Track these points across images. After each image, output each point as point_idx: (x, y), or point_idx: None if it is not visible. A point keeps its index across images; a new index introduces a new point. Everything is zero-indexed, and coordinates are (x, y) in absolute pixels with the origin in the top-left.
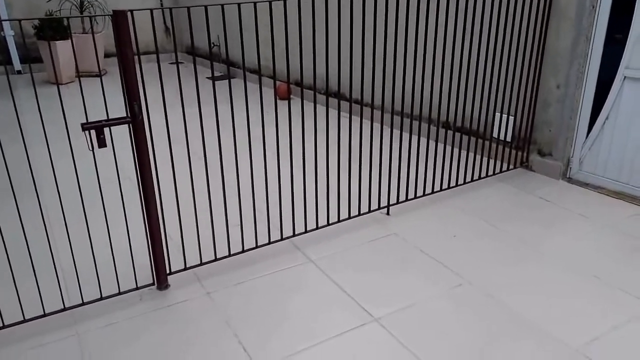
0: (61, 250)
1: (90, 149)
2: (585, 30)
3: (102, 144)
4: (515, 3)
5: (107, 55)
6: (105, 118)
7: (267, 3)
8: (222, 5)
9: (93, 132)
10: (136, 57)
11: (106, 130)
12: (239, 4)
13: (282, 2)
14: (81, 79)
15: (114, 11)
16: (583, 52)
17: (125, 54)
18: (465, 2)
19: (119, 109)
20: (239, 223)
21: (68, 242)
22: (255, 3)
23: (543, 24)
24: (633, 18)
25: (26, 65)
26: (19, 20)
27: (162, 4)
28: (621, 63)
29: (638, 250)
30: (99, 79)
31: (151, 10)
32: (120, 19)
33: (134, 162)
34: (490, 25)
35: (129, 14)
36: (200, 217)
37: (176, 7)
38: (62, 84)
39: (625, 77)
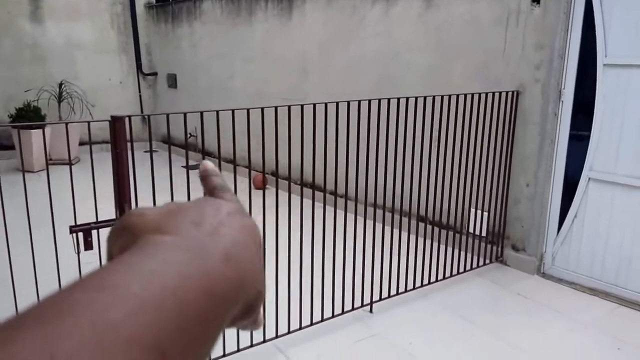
0: None
1: (77, 252)
2: (549, 134)
3: (88, 246)
4: (485, 110)
5: (80, 143)
6: (94, 220)
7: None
8: (201, 113)
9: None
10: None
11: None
12: (217, 112)
13: (260, 109)
14: (54, 166)
15: (112, 117)
16: (549, 154)
17: (121, 157)
18: (440, 107)
19: (88, 198)
20: None
21: None
22: (233, 110)
23: (510, 128)
24: (593, 123)
25: None
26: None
27: (140, 97)
28: (585, 165)
29: (621, 350)
30: (71, 166)
31: (148, 116)
32: (118, 125)
33: None
34: (463, 128)
35: (126, 119)
36: None
37: (156, 114)
38: (33, 172)
39: (589, 178)
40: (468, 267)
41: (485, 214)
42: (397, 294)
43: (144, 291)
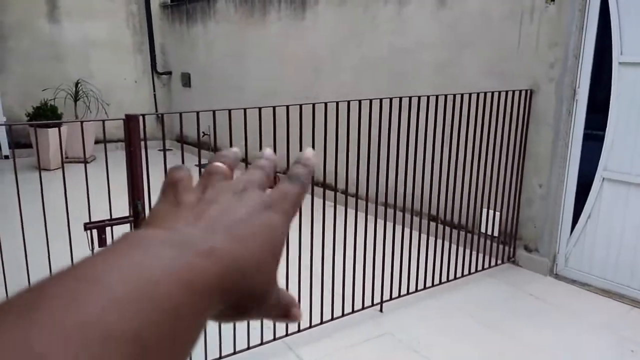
0: None
1: (91, 248)
2: (563, 134)
3: (103, 243)
4: (498, 108)
5: (96, 142)
6: (108, 217)
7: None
8: (214, 111)
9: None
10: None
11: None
12: (229, 110)
13: (272, 108)
14: (70, 165)
15: (126, 115)
16: (562, 154)
17: (134, 155)
18: (452, 104)
19: (103, 195)
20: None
21: None
22: (245, 109)
23: (524, 127)
24: (607, 123)
25: (15, 150)
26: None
27: (155, 96)
28: (599, 165)
29: (635, 353)
30: (87, 164)
31: (162, 115)
32: (132, 123)
33: None
34: (476, 126)
35: (140, 118)
36: None
37: (169, 112)
38: (50, 170)
39: (603, 178)
40: (480, 268)
41: (498, 214)
42: (408, 293)
43: (124, 284)
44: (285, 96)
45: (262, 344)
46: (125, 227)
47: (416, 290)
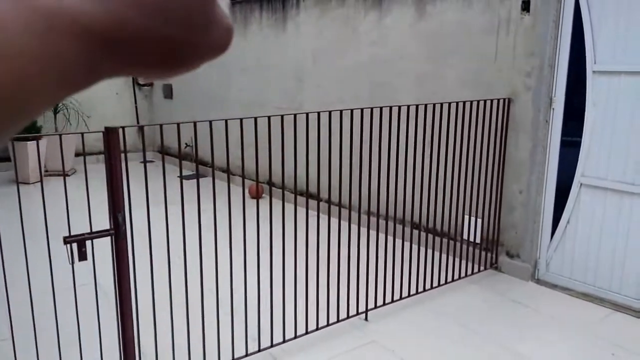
0: None
1: (70, 262)
2: (541, 141)
3: (82, 257)
4: (477, 117)
5: (77, 154)
6: (88, 231)
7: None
8: (195, 123)
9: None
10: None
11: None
12: (210, 122)
13: (253, 119)
14: (50, 178)
15: (106, 128)
16: (541, 161)
17: (114, 168)
18: (432, 113)
19: (83, 208)
20: (216, 335)
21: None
22: (226, 121)
23: (503, 135)
24: (584, 130)
25: None
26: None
27: (136, 108)
28: (577, 171)
29: (615, 356)
30: (67, 177)
31: (142, 127)
32: (112, 136)
33: (114, 274)
34: (456, 135)
35: (120, 130)
36: (177, 329)
37: (150, 124)
38: (29, 184)
39: (581, 184)
40: (463, 274)
41: (479, 220)
42: (392, 301)
43: None
44: (268, 106)
45: (247, 355)
46: (106, 240)
47: (400, 298)
